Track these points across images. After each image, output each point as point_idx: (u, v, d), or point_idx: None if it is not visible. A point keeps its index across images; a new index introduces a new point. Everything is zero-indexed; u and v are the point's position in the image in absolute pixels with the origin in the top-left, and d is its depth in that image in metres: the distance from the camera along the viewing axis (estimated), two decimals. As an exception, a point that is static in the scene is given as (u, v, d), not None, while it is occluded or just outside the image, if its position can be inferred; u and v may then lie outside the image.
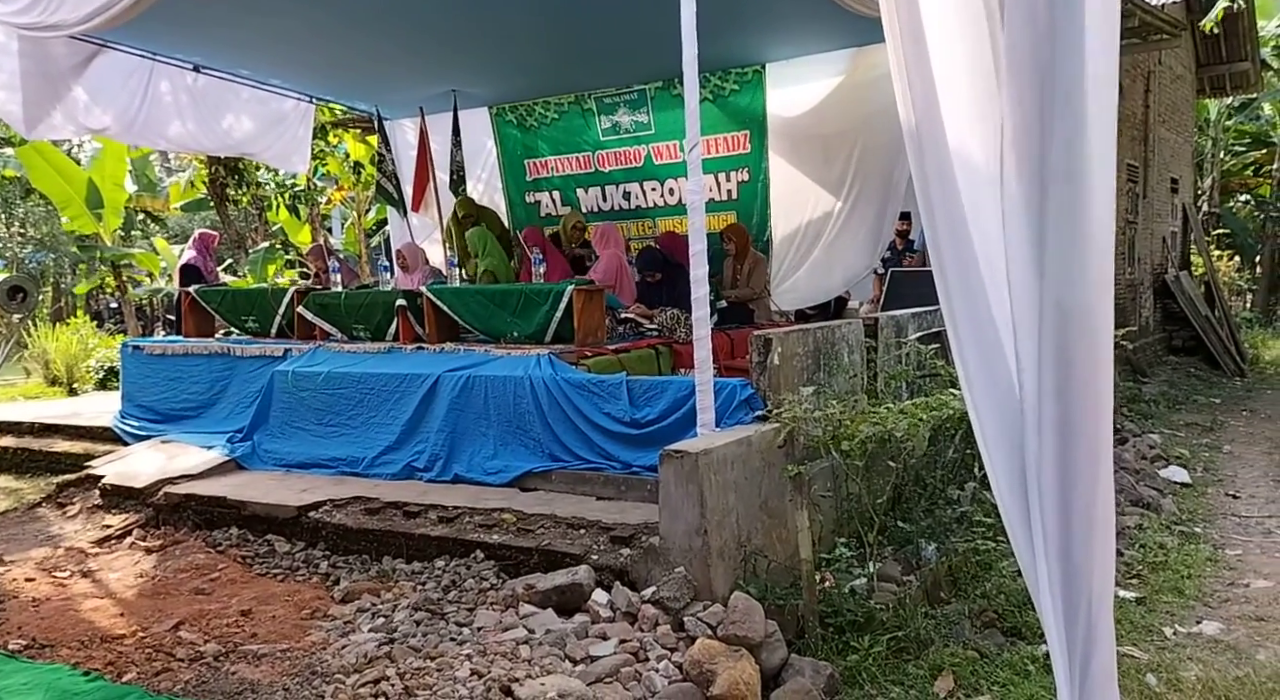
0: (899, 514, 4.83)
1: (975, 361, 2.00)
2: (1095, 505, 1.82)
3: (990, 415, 1.95)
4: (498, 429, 5.08)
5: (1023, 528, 1.96)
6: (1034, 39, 1.83)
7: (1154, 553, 4.80)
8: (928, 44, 2.07)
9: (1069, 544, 1.91)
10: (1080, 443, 1.80)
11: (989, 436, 1.97)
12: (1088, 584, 1.90)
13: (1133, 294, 11.44)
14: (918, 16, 2.05)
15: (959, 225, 2.02)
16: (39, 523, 5.22)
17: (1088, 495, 1.81)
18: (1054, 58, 1.82)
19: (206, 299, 7.15)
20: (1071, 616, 1.93)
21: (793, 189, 7.94)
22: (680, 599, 3.67)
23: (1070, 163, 1.84)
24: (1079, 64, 1.83)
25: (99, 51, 7.25)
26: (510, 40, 7.27)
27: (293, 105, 8.97)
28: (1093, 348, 1.76)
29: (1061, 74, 1.83)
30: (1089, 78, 1.86)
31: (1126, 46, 9.78)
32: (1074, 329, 1.79)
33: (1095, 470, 1.80)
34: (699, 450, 3.81)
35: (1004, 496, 2.00)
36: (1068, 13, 1.78)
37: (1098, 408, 1.78)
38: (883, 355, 5.47)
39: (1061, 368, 1.80)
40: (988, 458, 1.99)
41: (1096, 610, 1.95)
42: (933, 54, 2.06)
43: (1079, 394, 1.78)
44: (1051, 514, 1.89)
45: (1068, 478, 1.82)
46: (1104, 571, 1.92)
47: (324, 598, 4.05)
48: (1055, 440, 1.82)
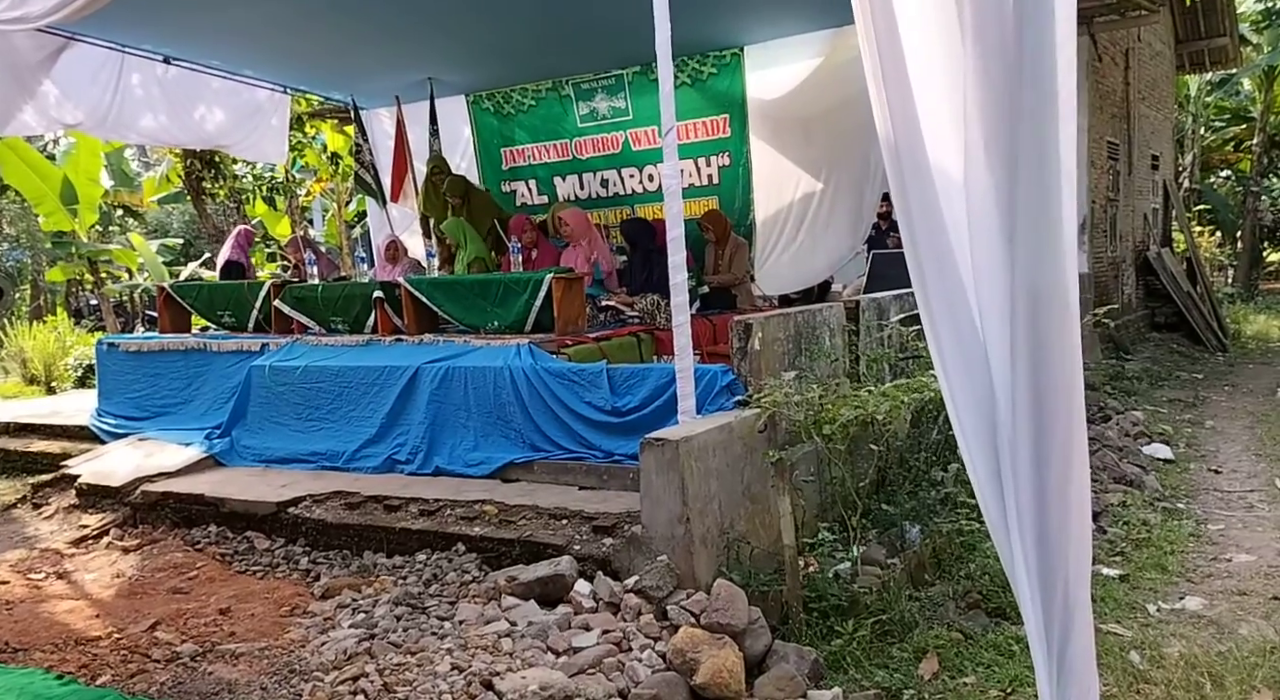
0: (883, 497, 4.82)
1: (950, 346, 1.97)
2: (1070, 485, 1.80)
3: (965, 398, 1.93)
4: (478, 420, 5.03)
5: (998, 509, 1.94)
6: (999, 18, 1.80)
7: (1137, 529, 4.81)
8: (903, 47, 2.02)
9: (1045, 525, 1.89)
10: (1054, 423, 1.78)
11: (964, 419, 1.95)
12: (1064, 565, 1.88)
13: (1115, 271, 11.47)
14: (893, 19, 2.01)
15: (932, 210, 1.99)
16: (14, 524, 5.16)
17: (1062, 475, 1.79)
18: (1020, 37, 1.79)
19: (182, 294, 7.06)
20: (1049, 598, 1.91)
21: (774, 172, 7.88)
22: (663, 588, 3.65)
23: (1041, 145, 1.82)
24: (1048, 43, 1.80)
25: (67, 44, 7.12)
26: (486, 25, 7.17)
27: (267, 96, 8.85)
28: (1064, 329, 1.74)
29: (1029, 53, 1.80)
30: (1058, 58, 1.83)
31: (1105, 23, 9.78)
32: (1046, 311, 1.77)
33: (1069, 449, 1.78)
34: (679, 438, 3.78)
35: (979, 478, 1.98)
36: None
37: (1070, 387, 1.76)
38: (864, 338, 5.45)
39: (1035, 350, 1.78)
40: (962, 440, 1.97)
41: (1074, 591, 1.93)
42: (908, 57, 2.02)
43: (1052, 374, 1.75)
44: (1026, 495, 1.87)
45: (1042, 457, 1.80)
46: (1080, 552, 1.90)
47: (304, 594, 4.01)
48: (1029, 421, 1.79)
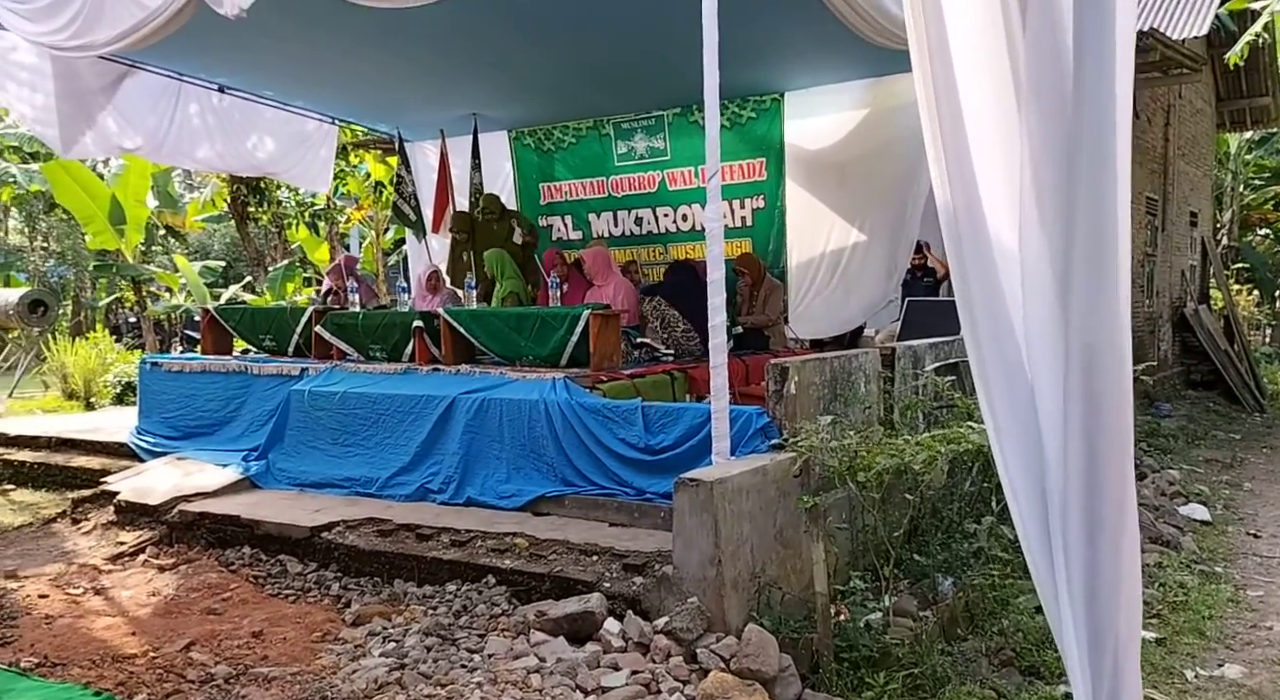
0: (915, 547, 4.77)
1: (1003, 405, 1.98)
2: (1122, 546, 1.80)
3: (1016, 456, 1.93)
4: (511, 452, 5.07)
5: (1046, 569, 1.93)
6: (1058, 84, 1.83)
7: (1174, 592, 4.72)
8: (964, 115, 2.05)
9: (1096, 587, 1.88)
10: (1107, 482, 1.78)
11: (1014, 477, 1.95)
12: (1113, 627, 1.87)
13: (1151, 327, 11.37)
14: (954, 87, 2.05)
15: (987, 271, 2.01)
16: (54, 538, 5.24)
17: (1114, 537, 1.78)
18: (1079, 102, 1.82)
19: (225, 316, 7.19)
20: (1097, 660, 1.90)
21: (810, 216, 7.94)
22: (693, 630, 3.63)
23: (1098, 207, 1.84)
24: (1107, 108, 1.83)
25: (128, 72, 7.38)
26: (531, 65, 7.34)
27: (315, 126, 9.08)
28: (1118, 386, 1.74)
29: (1087, 118, 1.83)
30: (1116, 121, 1.86)
31: (1146, 80, 9.80)
32: (1101, 368, 1.78)
33: (1122, 509, 1.78)
34: (714, 479, 3.79)
35: (1029, 536, 1.97)
36: (1096, 49, 1.78)
37: (1123, 446, 1.76)
38: (899, 386, 5.44)
39: (1089, 407, 1.78)
40: (1012, 498, 1.97)
41: (1123, 654, 1.91)
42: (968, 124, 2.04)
43: (1106, 433, 1.76)
44: (1077, 554, 1.86)
45: (1094, 517, 1.80)
46: (1130, 614, 1.89)
47: (335, 620, 4.04)
48: (1081, 480, 1.79)
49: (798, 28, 6.19)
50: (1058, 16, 1.86)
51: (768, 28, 6.28)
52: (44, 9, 5.75)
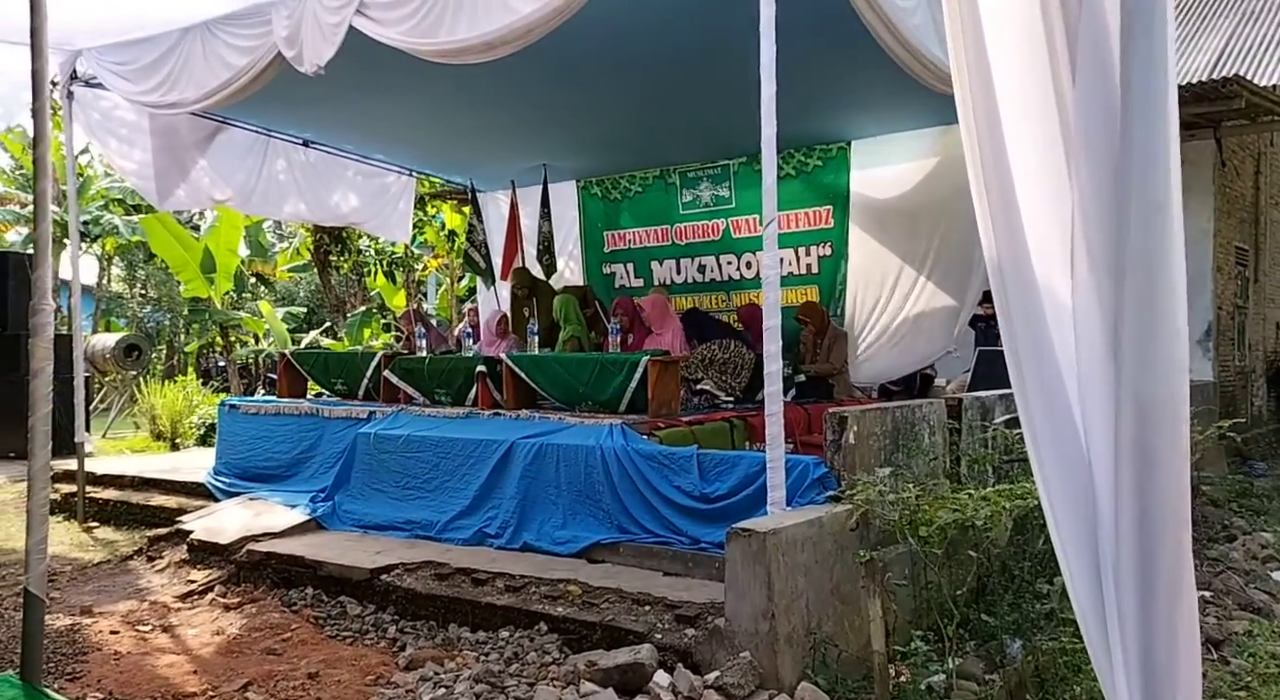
0: (982, 607, 4.59)
1: (1051, 459, 1.91)
2: (1179, 611, 1.69)
3: (1066, 513, 1.85)
4: (568, 498, 5.07)
5: (1099, 633, 1.83)
6: (1108, 130, 1.79)
7: (1264, 663, 4.41)
8: (1010, 163, 2.03)
9: (1152, 654, 1.77)
10: (1161, 544, 1.69)
11: (1064, 535, 1.87)
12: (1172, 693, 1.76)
13: (1243, 381, 10.84)
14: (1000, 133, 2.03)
15: (1035, 322, 1.95)
16: (129, 574, 5.42)
17: (1170, 599, 1.68)
18: (1130, 147, 1.77)
19: (300, 361, 7.44)
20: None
21: (875, 263, 7.87)
22: (744, 686, 3.54)
23: (1148, 255, 1.77)
24: (1159, 153, 1.78)
25: (220, 128, 7.80)
26: (597, 120, 7.51)
27: (394, 178, 9.44)
28: (1174, 442, 1.66)
29: (1138, 163, 1.78)
30: (1170, 167, 1.81)
31: (1234, 128, 9.51)
32: (1154, 423, 1.69)
33: (1178, 572, 1.68)
34: (767, 529, 3.72)
35: (1079, 598, 1.88)
36: (1144, 98, 1.74)
37: (1179, 507, 1.67)
38: (967, 438, 5.28)
39: (1141, 464, 1.70)
40: (1062, 556, 1.88)
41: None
42: (1015, 172, 2.03)
43: (1160, 491, 1.67)
44: (1131, 619, 1.76)
45: (1148, 580, 1.70)
46: (1190, 687, 1.77)
47: (389, 664, 4.06)
48: (1134, 543, 1.71)
49: (862, 77, 6.21)
50: (1107, 67, 1.83)
51: (832, 77, 6.31)
52: (141, 69, 6.14)
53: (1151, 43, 1.68)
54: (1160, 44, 1.71)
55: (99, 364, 13.13)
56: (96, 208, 19.26)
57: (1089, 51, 1.85)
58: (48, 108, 3.38)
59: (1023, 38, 1.90)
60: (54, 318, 3.31)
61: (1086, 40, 1.76)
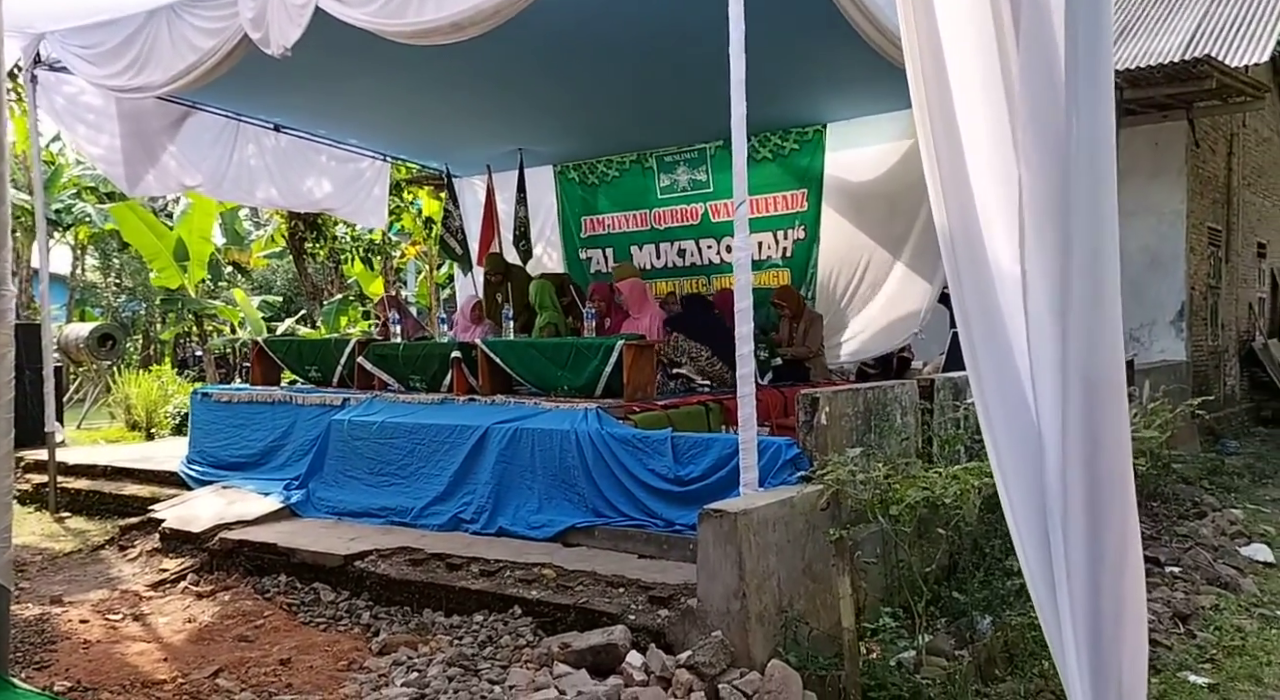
0: (953, 584, 4.63)
1: (1004, 434, 1.93)
2: (1124, 584, 1.72)
3: (1018, 486, 1.87)
4: (543, 482, 5.07)
5: (1050, 604, 1.85)
6: (1053, 110, 1.79)
7: (1230, 636, 4.49)
8: (962, 142, 2.04)
9: (1099, 623, 1.79)
10: (1109, 515, 1.71)
11: (1016, 509, 1.89)
12: (1117, 670, 1.78)
13: (1215, 361, 10.97)
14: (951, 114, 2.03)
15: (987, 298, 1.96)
16: (101, 564, 5.38)
17: (1116, 569, 1.70)
18: (1075, 127, 1.78)
19: (273, 349, 7.38)
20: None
21: (849, 246, 7.88)
22: (716, 665, 3.55)
23: (1095, 233, 1.78)
24: (1102, 133, 1.78)
25: (189, 113, 7.70)
26: (573, 103, 7.47)
27: (369, 164, 9.35)
28: (1118, 419, 1.68)
29: (1083, 143, 1.79)
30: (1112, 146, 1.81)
31: (1205, 108, 9.57)
32: (1101, 400, 1.71)
33: (1124, 543, 1.70)
34: (739, 510, 3.73)
35: (1032, 571, 1.90)
36: (1090, 77, 1.74)
37: (1124, 480, 1.69)
38: (939, 418, 5.32)
39: (1088, 441, 1.72)
40: (1015, 530, 1.90)
41: (1128, 694, 1.81)
42: (967, 151, 2.03)
43: (1106, 465, 1.69)
44: (1080, 589, 1.78)
45: (1096, 552, 1.72)
46: (1136, 657, 1.79)
47: (362, 649, 4.06)
48: (1083, 514, 1.72)
49: (838, 58, 6.19)
50: (1050, 43, 1.83)
51: (807, 60, 6.30)
52: (106, 53, 6.05)
53: (1097, 19, 1.68)
54: (1103, 24, 1.72)
55: (72, 354, 12.96)
56: (68, 196, 18.97)
57: (1033, 27, 1.85)
58: (3, 90, 3.32)
59: (972, 12, 1.90)
60: (13, 304, 3.25)
61: (1030, 17, 1.77)
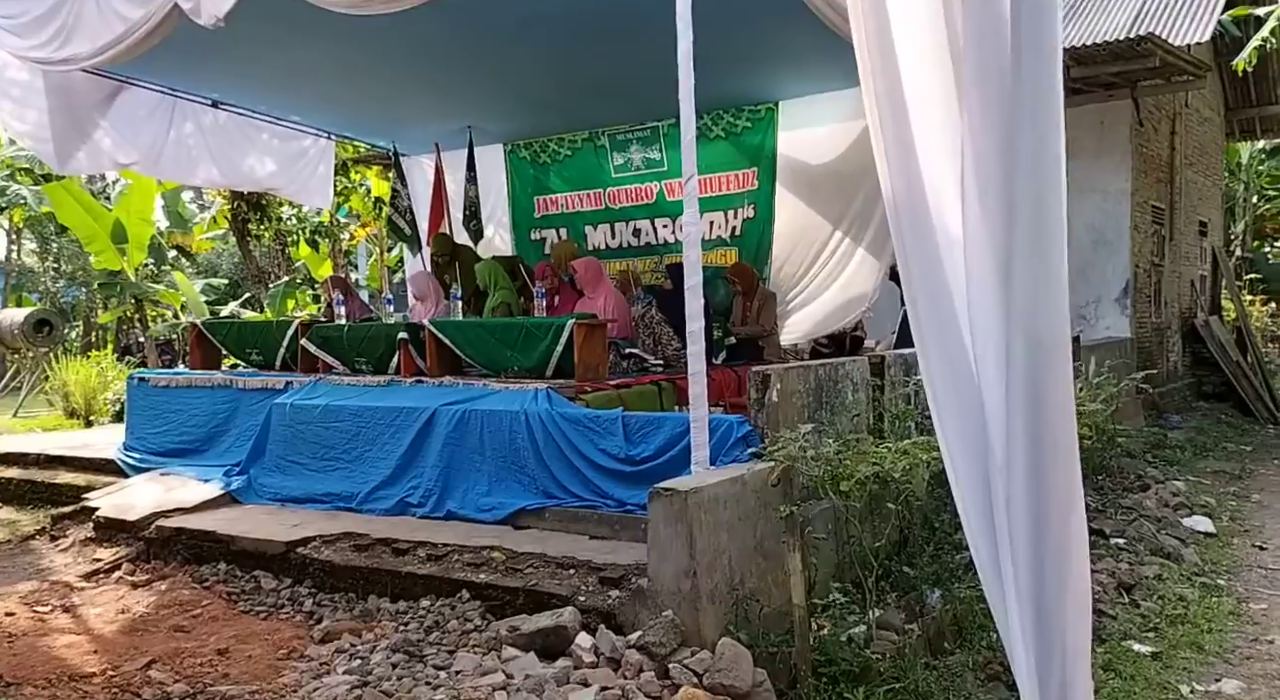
0: (903, 559, 4.65)
1: (946, 399, 1.89)
2: (1069, 549, 1.69)
3: (961, 452, 1.83)
4: (493, 465, 4.98)
5: (993, 571, 1.82)
6: (999, 70, 1.75)
7: (1173, 605, 4.57)
8: (907, 104, 2.00)
9: (1042, 590, 1.77)
10: (1053, 480, 1.67)
11: (960, 474, 1.85)
12: (1060, 636, 1.76)
13: (1159, 337, 11.18)
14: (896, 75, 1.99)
15: (931, 263, 1.92)
16: (31, 555, 5.18)
17: (1060, 538, 1.68)
18: (1020, 87, 1.73)
19: (213, 331, 7.16)
20: (1045, 671, 1.78)
21: (802, 225, 7.86)
22: (666, 644, 3.52)
23: (1039, 192, 1.74)
24: (1049, 93, 1.74)
25: (121, 88, 7.40)
26: (525, 76, 7.31)
27: (312, 141, 9.09)
28: (1063, 379, 1.64)
29: (1029, 102, 1.75)
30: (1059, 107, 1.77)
31: (1150, 87, 9.70)
32: (1045, 360, 1.67)
33: (1068, 510, 1.67)
34: (689, 488, 3.69)
35: (976, 540, 1.87)
36: (1035, 27, 1.69)
37: (1068, 445, 1.66)
38: (890, 394, 5.32)
39: (1032, 404, 1.68)
40: (959, 495, 1.87)
41: (1072, 665, 1.80)
42: (911, 113, 2.00)
43: (1050, 430, 1.66)
44: (1023, 557, 1.76)
45: (1039, 518, 1.69)
46: (1079, 623, 1.77)
47: (304, 637, 3.95)
48: (1026, 479, 1.69)
49: (787, 32, 6.12)
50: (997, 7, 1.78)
51: (755, 33, 6.22)
52: (30, 24, 5.77)
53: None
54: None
55: (7, 340, 12.53)
56: (2, 177, 18.29)
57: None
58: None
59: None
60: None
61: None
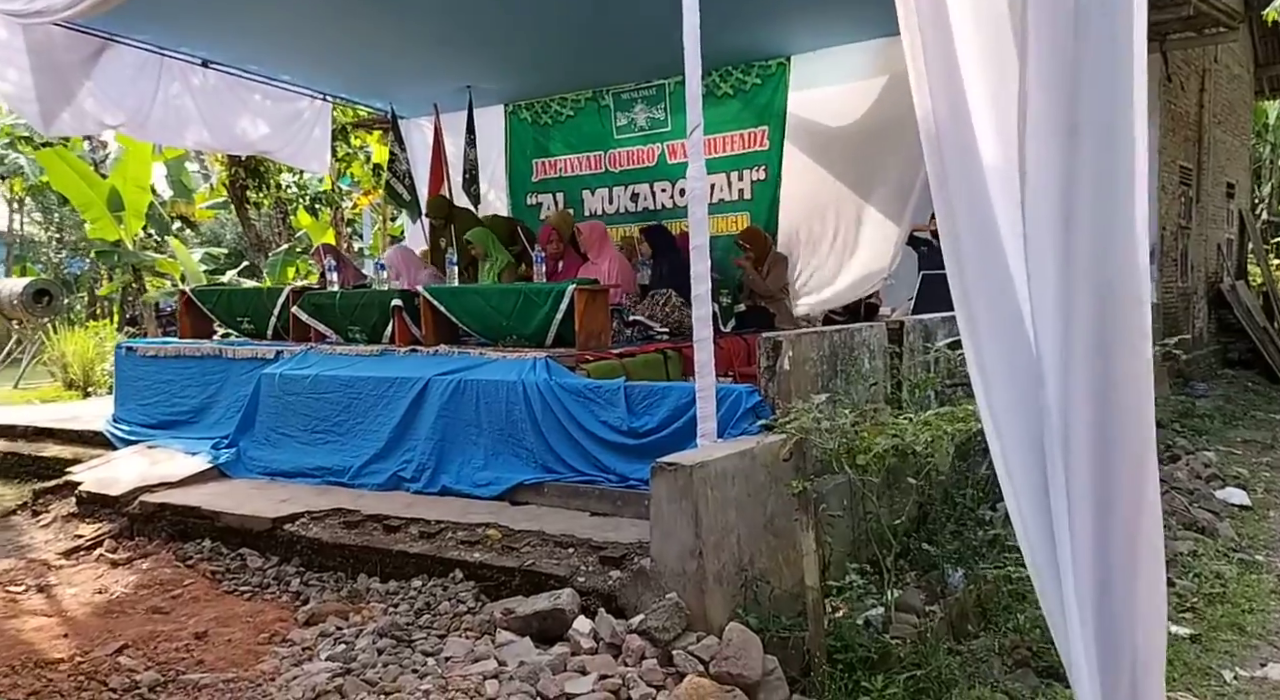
0: (923, 536, 4.40)
1: (993, 354, 1.61)
2: (1140, 532, 1.41)
3: (1009, 417, 1.55)
4: (489, 438, 4.73)
5: (1048, 562, 1.55)
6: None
7: (1210, 583, 4.31)
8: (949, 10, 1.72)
9: (1107, 582, 1.50)
10: (1122, 454, 1.39)
11: (1007, 443, 1.57)
12: (1130, 635, 1.49)
13: (1185, 303, 10.82)
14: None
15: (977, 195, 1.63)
16: (10, 531, 4.98)
17: (1131, 519, 1.40)
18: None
19: (202, 299, 6.90)
20: (1110, 676, 1.51)
21: (815, 187, 7.50)
22: (670, 629, 3.28)
23: (1111, 107, 1.45)
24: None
25: (106, 46, 7.10)
26: (527, 31, 6.97)
27: (307, 103, 8.79)
28: (1137, 335, 1.36)
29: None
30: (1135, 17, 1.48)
31: (1179, 41, 9.26)
32: (1114, 315, 1.39)
33: (1140, 487, 1.40)
34: (694, 462, 3.44)
35: (1026, 523, 1.59)
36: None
37: (1141, 414, 1.37)
38: (908, 362, 5.04)
39: (1099, 363, 1.40)
40: (1003, 468, 1.59)
41: (1143, 668, 1.53)
42: (954, 20, 1.71)
43: (1120, 395, 1.37)
44: (1085, 544, 1.48)
45: (1106, 497, 1.42)
46: (1152, 616, 1.50)
47: (287, 620, 3.73)
48: (1090, 451, 1.41)
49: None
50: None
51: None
52: (-1, -25, 5.48)
53: None
54: None
55: (6, 310, 12.33)
56: (2, 146, 18.02)
57: None
58: None
59: None
60: None
61: None
